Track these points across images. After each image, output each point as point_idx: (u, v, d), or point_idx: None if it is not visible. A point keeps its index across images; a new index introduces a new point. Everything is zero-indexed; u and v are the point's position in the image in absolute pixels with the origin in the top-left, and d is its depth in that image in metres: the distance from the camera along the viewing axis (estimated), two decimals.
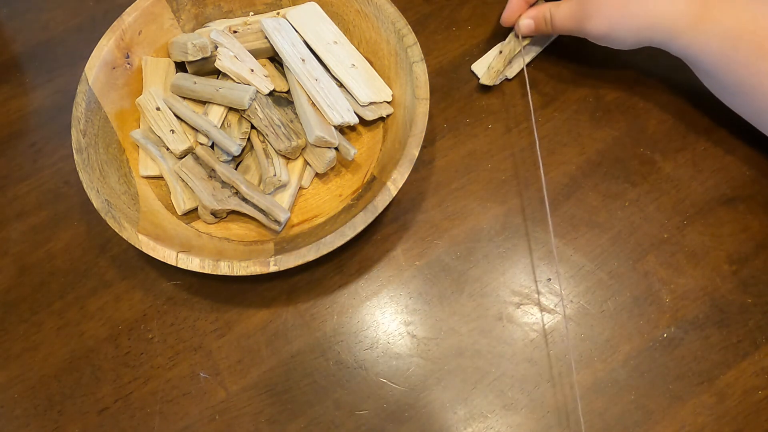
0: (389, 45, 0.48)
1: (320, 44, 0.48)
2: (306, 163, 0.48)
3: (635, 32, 0.44)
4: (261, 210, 0.45)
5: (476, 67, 0.52)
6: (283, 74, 0.49)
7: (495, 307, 0.45)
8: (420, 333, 0.45)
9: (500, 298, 0.45)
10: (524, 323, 0.45)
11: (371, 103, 0.48)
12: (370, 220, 0.41)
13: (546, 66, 0.52)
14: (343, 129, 0.49)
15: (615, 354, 0.43)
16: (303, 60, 0.47)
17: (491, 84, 0.51)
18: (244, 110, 0.46)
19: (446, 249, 0.47)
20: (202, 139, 0.47)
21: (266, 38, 0.48)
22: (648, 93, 0.51)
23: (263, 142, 0.47)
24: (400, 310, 0.45)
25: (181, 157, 0.46)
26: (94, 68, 0.46)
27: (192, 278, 0.47)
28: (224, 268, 0.41)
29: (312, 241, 0.41)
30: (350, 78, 0.48)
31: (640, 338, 0.44)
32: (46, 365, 0.45)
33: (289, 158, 0.47)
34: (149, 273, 0.47)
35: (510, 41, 0.51)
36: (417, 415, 0.43)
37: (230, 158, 0.47)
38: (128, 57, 0.48)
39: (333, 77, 0.48)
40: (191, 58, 0.46)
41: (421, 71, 0.45)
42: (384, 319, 0.45)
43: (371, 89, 0.48)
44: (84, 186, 0.43)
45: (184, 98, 0.48)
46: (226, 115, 0.47)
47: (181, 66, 0.49)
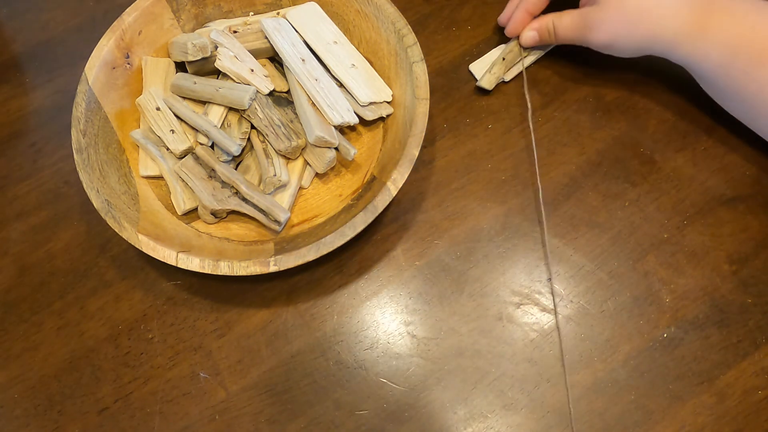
0: (389, 45, 0.48)
1: (320, 44, 0.48)
2: (306, 163, 0.48)
3: (637, 42, 0.45)
4: (261, 210, 0.45)
5: (474, 68, 0.52)
6: (283, 74, 0.49)
7: (495, 307, 0.45)
8: (420, 333, 0.45)
9: (500, 298, 0.45)
10: (524, 323, 0.45)
11: (371, 103, 0.48)
12: (370, 220, 0.41)
13: (546, 66, 0.52)
14: (343, 129, 0.49)
15: (615, 354, 0.43)
16: (303, 60, 0.47)
17: (490, 88, 0.51)
18: (244, 110, 0.46)
19: (446, 249, 0.47)
20: (202, 139, 0.47)
21: (266, 38, 0.48)
22: (648, 93, 0.51)
23: (263, 142, 0.47)
24: (400, 310, 0.45)
25: (181, 157, 0.46)
26: (94, 68, 0.46)
27: (192, 278, 0.47)
28: (224, 268, 0.41)
29: (312, 241, 0.41)
30: (350, 78, 0.48)
31: (640, 338, 0.44)
32: (46, 365, 0.45)
33: (289, 158, 0.47)
34: (149, 273, 0.47)
35: (512, 49, 0.51)
36: (417, 415, 0.43)
37: (230, 158, 0.47)
38: (128, 57, 0.48)
39: (333, 77, 0.48)
40: (191, 58, 0.46)
41: (421, 71, 0.45)
42: (384, 319, 0.45)
43: (371, 89, 0.48)
44: (84, 186, 0.43)
45: (184, 98, 0.48)
46: (226, 115, 0.47)
47: (181, 66, 0.49)
